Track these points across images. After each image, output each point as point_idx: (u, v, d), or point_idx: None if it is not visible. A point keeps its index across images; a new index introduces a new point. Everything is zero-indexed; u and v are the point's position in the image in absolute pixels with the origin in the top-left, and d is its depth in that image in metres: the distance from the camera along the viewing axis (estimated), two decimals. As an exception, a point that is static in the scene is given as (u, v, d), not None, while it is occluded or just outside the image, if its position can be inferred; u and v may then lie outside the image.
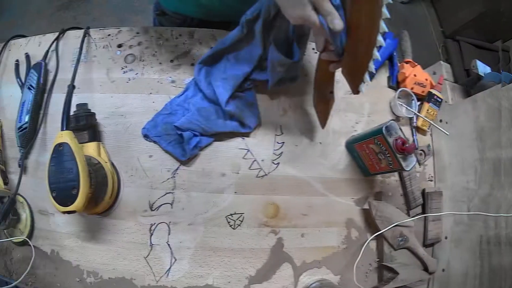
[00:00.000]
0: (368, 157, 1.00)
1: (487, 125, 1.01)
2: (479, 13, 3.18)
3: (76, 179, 0.72)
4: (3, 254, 0.93)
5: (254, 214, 0.96)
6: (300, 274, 0.97)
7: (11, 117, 0.96)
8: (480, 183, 1.02)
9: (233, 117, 0.94)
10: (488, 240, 0.98)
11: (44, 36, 1.04)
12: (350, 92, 1.11)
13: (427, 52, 3.30)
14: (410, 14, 3.74)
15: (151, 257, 0.90)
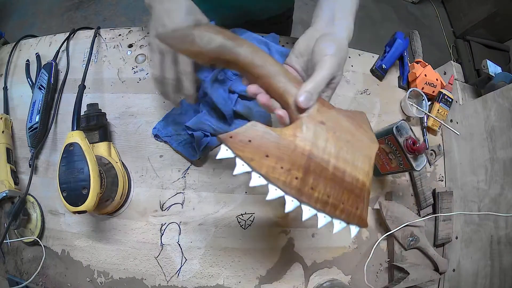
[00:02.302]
0: (379, 157, 0.99)
1: (497, 125, 1.00)
2: (490, 13, 3.17)
3: (86, 179, 0.72)
4: (13, 254, 0.93)
5: (265, 214, 0.95)
6: (311, 274, 0.97)
7: (22, 117, 0.97)
8: (491, 183, 1.01)
9: (242, 116, 0.94)
10: (498, 240, 0.97)
11: (55, 36, 1.05)
12: (360, 92, 1.12)
13: (437, 52, 3.30)
14: (421, 14, 3.74)
15: (161, 257, 0.90)
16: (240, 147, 0.53)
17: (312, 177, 0.55)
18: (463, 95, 1.17)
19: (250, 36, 0.93)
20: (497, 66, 1.18)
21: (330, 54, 0.60)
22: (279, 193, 0.54)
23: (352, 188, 0.57)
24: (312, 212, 0.55)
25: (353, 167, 0.58)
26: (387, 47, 1.15)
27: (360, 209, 0.58)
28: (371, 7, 3.61)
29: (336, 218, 0.57)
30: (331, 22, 0.67)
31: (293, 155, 0.55)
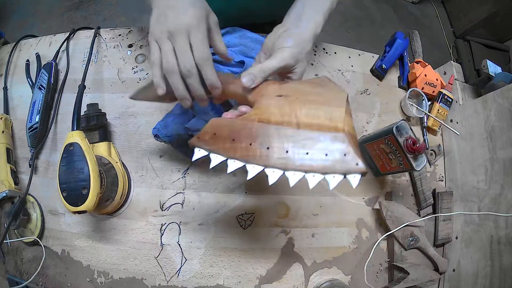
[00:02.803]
0: (379, 157, 0.99)
1: (497, 125, 1.00)
2: (490, 13, 3.17)
3: (86, 179, 0.72)
4: (13, 254, 0.93)
5: (264, 214, 0.95)
6: (311, 274, 0.97)
7: (22, 117, 0.97)
8: (491, 183, 1.01)
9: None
10: (498, 240, 0.97)
11: (55, 36, 1.05)
12: (360, 92, 1.12)
13: (437, 52, 3.30)
14: (421, 14, 3.74)
15: (161, 257, 0.90)
16: (208, 143, 0.57)
17: (285, 142, 0.55)
18: (463, 95, 1.18)
19: (246, 35, 0.93)
20: (497, 66, 1.18)
21: (285, 47, 0.65)
22: (258, 169, 0.55)
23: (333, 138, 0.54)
24: (298, 175, 0.54)
25: (327, 119, 0.56)
26: (387, 47, 1.15)
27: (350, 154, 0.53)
28: (371, 7, 3.60)
29: (328, 174, 0.53)
30: (298, 18, 0.70)
31: (260, 130, 0.56)
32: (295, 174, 0.53)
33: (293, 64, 0.66)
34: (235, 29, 0.93)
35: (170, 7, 0.61)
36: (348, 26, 3.30)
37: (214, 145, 0.57)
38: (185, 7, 0.60)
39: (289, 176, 0.54)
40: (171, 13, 0.60)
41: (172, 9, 0.60)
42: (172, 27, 0.59)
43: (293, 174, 0.54)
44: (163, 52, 0.61)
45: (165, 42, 0.60)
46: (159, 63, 0.61)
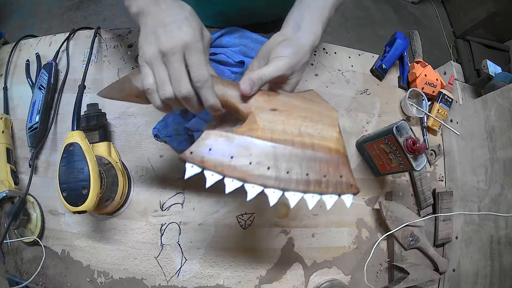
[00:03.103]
0: (379, 157, 0.99)
1: (497, 125, 1.00)
2: (490, 13, 3.17)
3: (86, 179, 0.72)
4: (13, 254, 0.93)
5: (264, 214, 0.96)
6: (311, 274, 0.97)
7: (22, 117, 0.97)
8: (491, 183, 1.01)
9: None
10: (498, 240, 0.97)
11: (55, 36, 1.04)
12: (360, 92, 1.12)
13: (437, 52, 3.31)
14: (421, 14, 3.75)
15: (161, 257, 0.90)
16: (203, 159, 0.53)
17: (284, 161, 0.55)
18: (463, 95, 1.18)
19: (246, 35, 0.93)
20: (497, 66, 1.18)
21: (282, 56, 0.62)
22: (258, 189, 0.54)
23: (328, 158, 0.57)
24: (298, 196, 0.55)
25: (321, 138, 0.57)
26: (387, 47, 1.15)
27: (345, 176, 0.57)
28: (371, 7, 3.61)
29: (324, 194, 0.56)
30: (297, 27, 0.68)
31: (257, 147, 0.55)
32: (295, 195, 0.55)
33: (288, 74, 0.64)
34: (235, 29, 0.93)
35: (161, 25, 0.56)
36: (348, 26, 3.30)
37: (209, 162, 0.53)
38: (178, 23, 0.56)
39: (289, 197, 0.55)
40: (162, 31, 0.55)
41: (164, 27, 0.56)
42: (165, 48, 0.54)
43: (293, 194, 0.55)
44: (158, 78, 0.56)
45: (158, 66, 0.56)
46: (155, 89, 0.57)
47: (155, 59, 0.55)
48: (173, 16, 0.57)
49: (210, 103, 0.58)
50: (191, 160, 0.53)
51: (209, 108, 0.59)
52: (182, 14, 0.57)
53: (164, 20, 0.56)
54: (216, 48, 0.92)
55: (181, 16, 0.57)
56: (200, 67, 0.55)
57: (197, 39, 0.56)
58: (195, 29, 0.57)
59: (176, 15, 0.57)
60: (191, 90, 0.56)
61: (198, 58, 0.55)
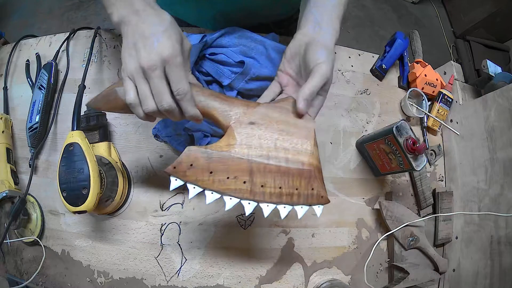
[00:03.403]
0: (379, 157, 0.99)
1: (497, 125, 1.00)
2: (490, 13, 3.17)
3: (86, 179, 0.72)
4: (13, 254, 0.93)
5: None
6: (311, 274, 0.97)
7: (22, 117, 0.96)
8: (491, 183, 1.01)
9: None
10: (498, 240, 0.97)
11: (55, 36, 1.04)
12: (360, 92, 1.12)
13: (437, 52, 3.31)
14: (421, 14, 3.75)
15: (161, 257, 0.90)
16: (186, 173, 0.58)
17: (259, 176, 0.59)
18: (463, 95, 1.18)
19: (246, 35, 0.93)
20: (497, 66, 1.18)
21: (322, 62, 0.63)
22: (235, 201, 0.59)
23: (300, 172, 0.61)
24: (271, 207, 0.60)
25: (295, 152, 0.61)
26: (387, 47, 1.15)
27: (316, 188, 0.62)
28: (371, 7, 3.61)
29: (296, 205, 0.61)
30: (319, 26, 0.68)
31: (234, 163, 0.59)
32: (268, 206, 0.60)
33: (330, 76, 0.64)
34: (235, 29, 0.93)
35: (141, 38, 0.56)
36: (348, 26, 3.30)
37: (191, 176, 0.59)
38: (157, 36, 0.56)
39: (263, 207, 0.60)
40: (142, 45, 0.56)
41: (143, 40, 0.56)
42: (144, 63, 0.55)
43: (267, 206, 0.60)
44: (140, 93, 0.58)
45: (140, 81, 0.57)
46: (138, 103, 0.59)
47: (136, 74, 0.57)
48: (152, 28, 0.57)
49: (190, 114, 0.61)
50: (175, 174, 0.59)
51: (189, 118, 0.62)
52: (161, 25, 0.58)
53: (144, 32, 0.57)
54: (216, 48, 0.92)
55: (160, 28, 0.57)
56: (180, 81, 0.57)
57: (176, 53, 0.57)
58: (174, 41, 0.57)
59: (155, 27, 0.57)
60: (172, 103, 0.58)
61: (177, 72, 0.57)
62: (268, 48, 0.91)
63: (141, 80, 0.57)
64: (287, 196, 0.60)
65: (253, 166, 0.59)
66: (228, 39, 0.92)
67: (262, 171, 0.59)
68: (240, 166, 0.59)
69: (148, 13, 0.58)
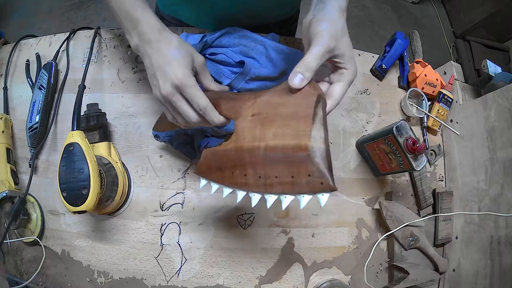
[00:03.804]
0: (379, 157, 0.99)
1: (497, 125, 1.00)
2: (490, 13, 3.18)
3: (86, 179, 0.72)
4: (13, 254, 0.93)
5: (265, 214, 0.96)
6: (311, 274, 0.97)
7: (22, 117, 0.97)
8: (491, 183, 1.01)
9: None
10: (498, 240, 0.97)
11: (55, 36, 1.04)
12: (360, 92, 1.12)
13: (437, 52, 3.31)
14: (421, 14, 3.75)
15: (161, 257, 0.90)
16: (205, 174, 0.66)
17: (259, 168, 0.59)
18: (463, 95, 1.18)
19: (247, 35, 0.93)
20: (497, 66, 1.18)
21: (319, 31, 0.60)
22: (242, 193, 0.61)
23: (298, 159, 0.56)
24: (273, 197, 0.59)
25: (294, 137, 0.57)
26: (387, 47, 1.15)
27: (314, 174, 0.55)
28: (371, 7, 3.61)
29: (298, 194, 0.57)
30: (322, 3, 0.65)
31: (238, 157, 0.61)
32: (271, 196, 0.59)
33: (334, 44, 0.60)
34: (235, 29, 0.93)
35: (157, 68, 0.63)
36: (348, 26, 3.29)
37: (209, 175, 0.65)
38: (169, 65, 0.62)
39: (266, 198, 0.59)
40: (159, 75, 0.63)
41: (158, 70, 0.63)
42: (164, 92, 0.63)
43: (269, 196, 0.59)
44: (169, 116, 0.68)
45: (168, 106, 0.66)
46: (176, 121, 0.69)
47: (163, 101, 0.65)
48: (164, 57, 0.63)
49: (216, 123, 0.67)
50: (200, 175, 0.66)
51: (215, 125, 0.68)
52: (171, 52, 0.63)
53: (158, 62, 0.63)
54: (216, 48, 0.92)
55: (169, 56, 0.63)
56: (198, 99, 0.63)
57: (186, 76, 0.62)
58: (183, 66, 0.63)
59: (166, 56, 0.63)
60: (198, 118, 0.65)
61: (191, 92, 0.62)
62: (268, 48, 0.91)
63: (168, 105, 0.65)
64: (286, 185, 0.57)
65: (253, 157, 0.60)
66: (228, 39, 0.92)
67: (261, 162, 0.59)
68: (241, 159, 0.61)
69: (159, 43, 0.64)
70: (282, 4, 1.09)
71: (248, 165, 0.60)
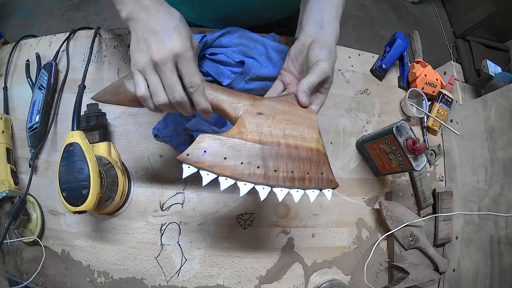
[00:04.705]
0: (379, 157, 0.99)
1: (497, 125, 1.00)
2: (490, 13, 3.18)
3: (86, 179, 0.72)
4: (13, 254, 0.93)
5: (265, 214, 0.95)
6: (311, 274, 0.97)
7: (22, 117, 0.97)
8: (491, 183, 1.01)
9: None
10: (498, 240, 0.97)
11: (55, 36, 1.04)
12: (360, 92, 1.12)
13: (437, 52, 3.31)
14: (421, 14, 3.75)
15: (161, 257, 0.90)
16: (199, 160, 0.58)
17: (271, 161, 0.61)
18: (463, 95, 1.18)
19: (247, 35, 0.93)
20: (497, 66, 1.18)
21: (322, 59, 0.66)
22: (249, 186, 0.59)
23: (310, 157, 0.64)
24: (284, 191, 0.61)
25: (303, 140, 0.64)
26: (387, 47, 1.15)
27: (325, 172, 0.65)
28: (371, 7, 3.61)
29: (307, 189, 0.63)
30: (320, 27, 0.72)
31: (246, 149, 0.60)
32: (282, 190, 0.61)
33: (330, 74, 0.68)
34: (235, 29, 0.93)
35: (152, 33, 0.58)
36: (348, 26, 3.30)
37: (205, 162, 0.58)
38: (168, 32, 0.58)
39: (276, 192, 0.61)
40: (153, 40, 0.58)
41: (154, 35, 0.58)
42: (156, 57, 0.57)
43: (280, 190, 0.61)
44: (151, 86, 0.59)
45: (151, 74, 0.59)
46: (149, 96, 0.60)
47: (147, 68, 0.58)
48: (163, 24, 0.59)
49: (202, 106, 0.62)
50: (187, 162, 0.58)
51: (201, 111, 0.63)
52: (172, 22, 0.60)
53: (154, 27, 0.58)
54: (216, 48, 0.92)
55: (171, 24, 0.59)
56: (193, 74, 0.59)
57: (187, 48, 0.59)
58: (185, 37, 0.59)
59: (166, 23, 0.59)
60: (184, 96, 0.60)
61: (190, 66, 0.59)
62: (268, 48, 0.91)
63: (152, 73, 0.58)
64: (299, 181, 0.62)
65: (266, 151, 0.61)
66: (228, 39, 0.92)
67: (274, 156, 0.61)
68: (252, 151, 0.60)
69: (157, 9, 0.60)
70: (282, 3, 1.09)
71: (263, 158, 0.60)
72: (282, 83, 0.76)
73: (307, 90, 0.66)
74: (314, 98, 0.70)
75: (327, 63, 0.66)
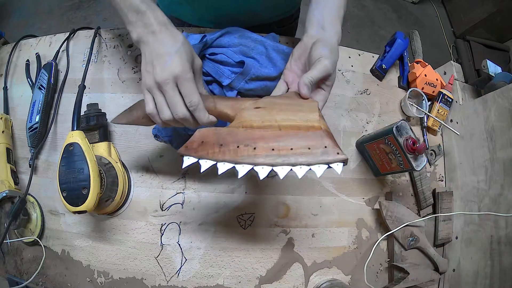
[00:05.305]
0: (379, 157, 0.99)
1: (497, 125, 1.00)
2: (490, 13, 3.18)
3: (86, 179, 0.72)
4: (13, 254, 0.93)
5: (265, 214, 0.95)
6: (311, 274, 0.97)
7: (22, 117, 0.97)
8: (491, 183, 1.01)
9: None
10: (498, 240, 0.97)
11: (55, 36, 1.05)
12: (360, 92, 1.12)
13: (437, 52, 3.31)
14: (421, 14, 3.75)
15: (161, 257, 0.90)
16: (197, 150, 0.62)
17: (270, 141, 0.61)
18: (463, 95, 1.17)
19: (247, 35, 0.93)
20: (497, 66, 1.18)
21: (323, 56, 0.68)
22: (247, 167, 0.59)
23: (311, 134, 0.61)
24: (286, 169, 0.59)
25: (303, 121, 0.63)
26: (387, 47, 1.15)
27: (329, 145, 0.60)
28: (371, 7, 3.61)
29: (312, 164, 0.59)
30: (321, 28, 0.75)
31: (245, 133, 0.62)
32: (283, 168, 0.59)
33: (332, 71, 0.69)
34: (235, 29, 0.93)
35: (156, 56, 0.64)
36: (348, 26, 3.30)
37: (202, 151, 0.61)
38: (171, 55, 0.63)
39: (277, 170, 0.59)
40: (157, 62, 0.63)
41: (158, 58, 0.63)
42: (159, 79, 0.62)
43: (282, 168, 0.59)
44: (157, 104, 0.65)
45: (157, 94, 0.64)
46: (156, 113, 0.66)
47: (153, 88, 0.64)
48: (166, 47, 0.64)
49: (204, 121, 0.66)
50: (187, 153, 0.62)
51: (205, 124, 0.67)
52: (175, 46, 0.65)
53: (159, 50, 0.64)
54: (216, 48, 0.92)
55: (173, 48, 0.64)
56: (192, 94, 0.64)
57: (186, 70, 0.64)
58: (185, 60, 0.64)
59: (169, 47, 0.64)
60: (186, 113, 0.65)
61: (188, 86, 0.63)
62: (268, 48, 0.91)
63: (157, 92, 0.64)
64: (302, 156, 0.60)
65: (264, 133, 0.61)
66: (228, 39, 0.92)
67: (272, 136, 0.61)
68: (250, 134, 0.62)
69: (163, 34, 0.65)
70: (282, 3, 1.09)
71: (259, 140, 0.61)
72: (285, 83, 0.77)
73: (308, 84, 0.67)
74: (316, 94, 0.72)
75: (328, 60, 0.68)
